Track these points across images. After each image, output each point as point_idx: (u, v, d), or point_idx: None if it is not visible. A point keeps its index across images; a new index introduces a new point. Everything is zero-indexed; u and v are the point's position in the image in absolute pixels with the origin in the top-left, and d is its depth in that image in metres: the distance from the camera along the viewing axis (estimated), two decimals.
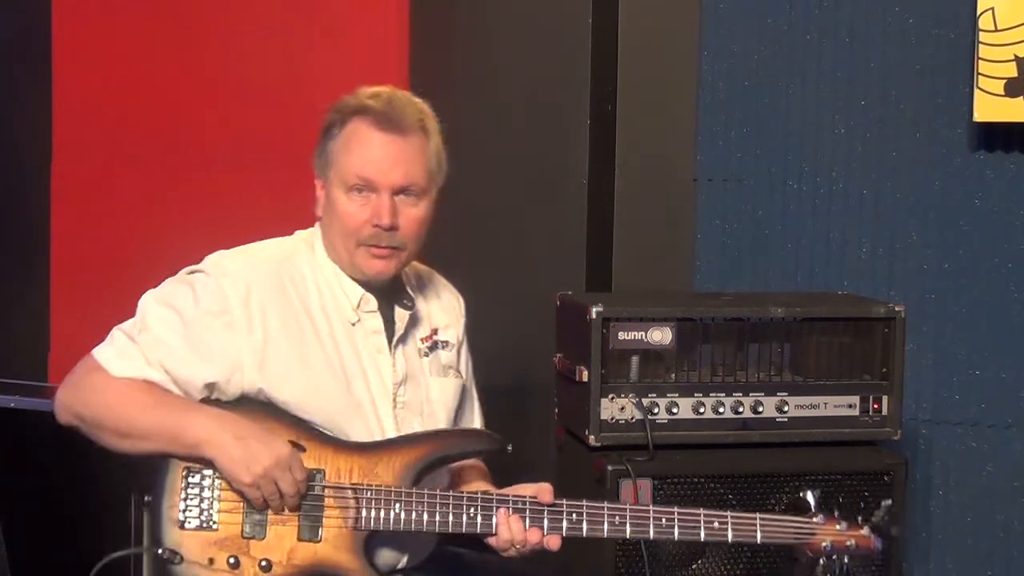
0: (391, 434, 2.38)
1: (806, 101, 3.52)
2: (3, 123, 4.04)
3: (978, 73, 3.24)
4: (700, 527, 2.33)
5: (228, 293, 2.30)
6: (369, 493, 2.28)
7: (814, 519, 2.37)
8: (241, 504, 2.28)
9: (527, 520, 2.29)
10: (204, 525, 2.27)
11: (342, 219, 2.35)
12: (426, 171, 2.38)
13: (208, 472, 2.28)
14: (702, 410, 2.86)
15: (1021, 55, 3.20)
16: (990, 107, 3.24)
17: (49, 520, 3.34)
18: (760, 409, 2.88)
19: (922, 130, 3.44)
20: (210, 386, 2.30)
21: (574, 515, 2.31)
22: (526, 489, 2.35)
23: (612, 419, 2.84)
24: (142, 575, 2.30)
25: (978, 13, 3.23)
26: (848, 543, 2.36)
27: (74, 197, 3.91)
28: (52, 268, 3.94)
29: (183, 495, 2.28)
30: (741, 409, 2.88)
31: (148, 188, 3.83)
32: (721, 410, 2.87)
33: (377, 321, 2.42)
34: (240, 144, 3.75)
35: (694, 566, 2.81)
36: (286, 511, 2.27)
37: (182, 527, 2.27)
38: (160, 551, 2.26)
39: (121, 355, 2.29)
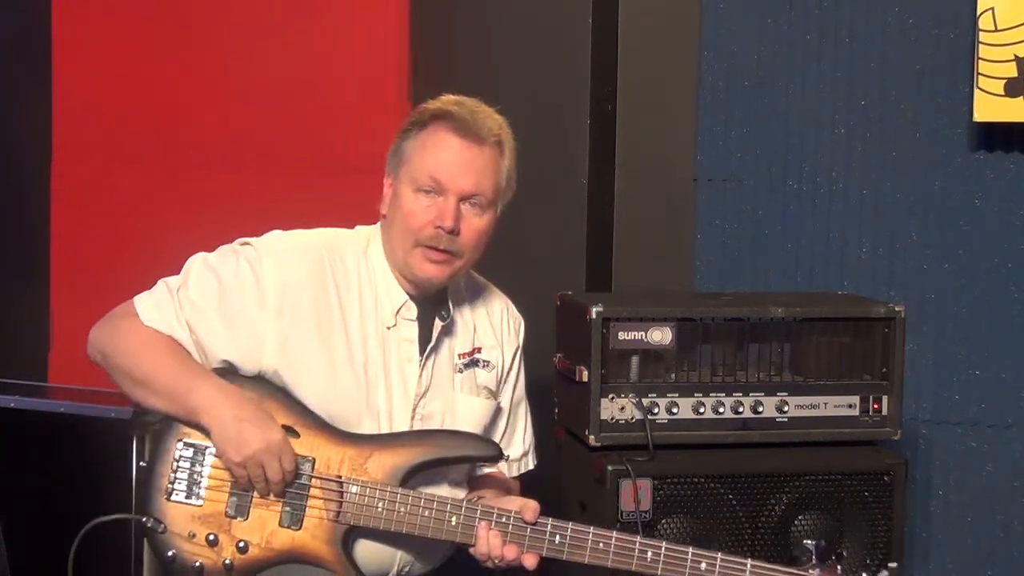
0: None
1: (806, 101, 3.52)
2: (3, 123, 4.04)
3: (978, 73, 3.24)
4: (686, 567, 2.31)
5: (267, 271, 2.34)
6: (354, 488, 2.29)
7: (810, 571, 2.32)
8: (228, 483, 2.30)
9: (508, 535, 2.30)
10: (189, 498, 2.30)
11: (406, 217, 2.37)
12: (495, 185, 2.41)
13: (202, 446, 2.30)
14: (702, 410, 2.86)
15: (1021, 55, 3.20)
16: (990, 107, 3.24)
17: (49, 520, 3.34)
18: (760, 409, 2.88)
19: (922, 130, 3.44)
20: (230, 358, 2.33)
21: (557, 537, 2.31)
22: (513, 503, 2.36)
23: (612, 419, 2.83)
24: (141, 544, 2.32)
25: (978, 13, 3.23)
26: None
27: (74, 197, 3.91)
28: (52, 268, 3.94)
29: (174, 466, 2.30)
30: (741, 409, 2.88)
31: (148, 188, 3.83)
32: (721, 410, 2.87)
33: (413, 330, 2.43)
34: (240, 144, 3.75)
35: None
36: (270, 496, 2.29)
37: (168, 497, 2.30)
38: (145, 519, 2.29)
39: (156, 306, 2.34)
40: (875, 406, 2.94)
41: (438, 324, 2.46)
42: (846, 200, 3.51)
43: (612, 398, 2.84)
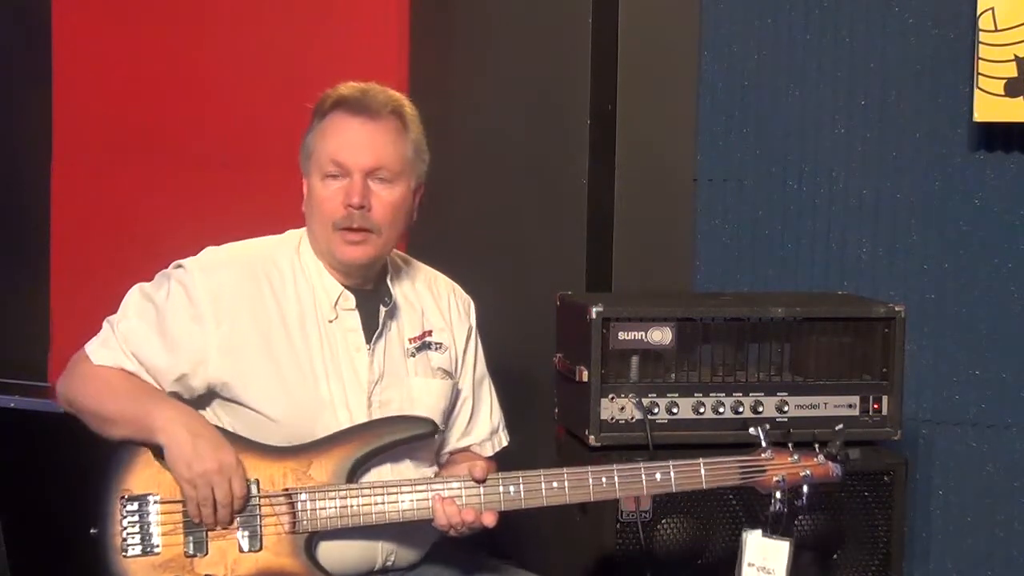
0: None
1: (806, 101, 3.52)
2: (3, 123, 4.04)
3: (978, 73, 3.24)
4: (642, 481, 2.34)
5: (199, 287, 2.37)
6: (303, 495, 2.30)
7: (763, 455, 2.35)
8: (180, 524, 2.30)
9: (463, 500, 2.31)
10: (146, 550, 2.30)
11: (319, 205, 2.39)
12: (400, 155, 2.40)
13: (144, 496, 2.31)
14: (702, 410, 2.86)
15: (1021, 55, 3.20)
16: (990, 107, 3.24)
17: (49, 520, 3.34)
18: (760, 409, 2.89)
19: (922, 130, 3.44)
20: (180, 378, 2.36)
21: (511, 488, 2.32)
22: (461, 469, 2.38)
23: (612, 419, 2.84)
24: None
25: (978, 13, 3.23)
26: (803, 474, 2.34)
27: (74, 197, 3.91)
28: (52, 268, 3.94)
29: (123, 523, 2.31)
30: (741, 409, 2.88)
31: (148, 188, 3.83)
32: (721, 410, 2.87)
33: (355, 319, 2.43)
34: (240, 144, 3.75)
35: (693, 567, 2.81)
36: (217, 524, 2.29)
37: (125, 555, 2.30)
38: None
39: (103, 344, 2.40)
40: (875, 406, 2.94)
41: (382, 310, 2.45)
42: (846, 200, 3.51)
43: (612, 398, 2.84)
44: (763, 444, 2.37)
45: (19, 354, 3.93)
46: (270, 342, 2.37)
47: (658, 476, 2.35)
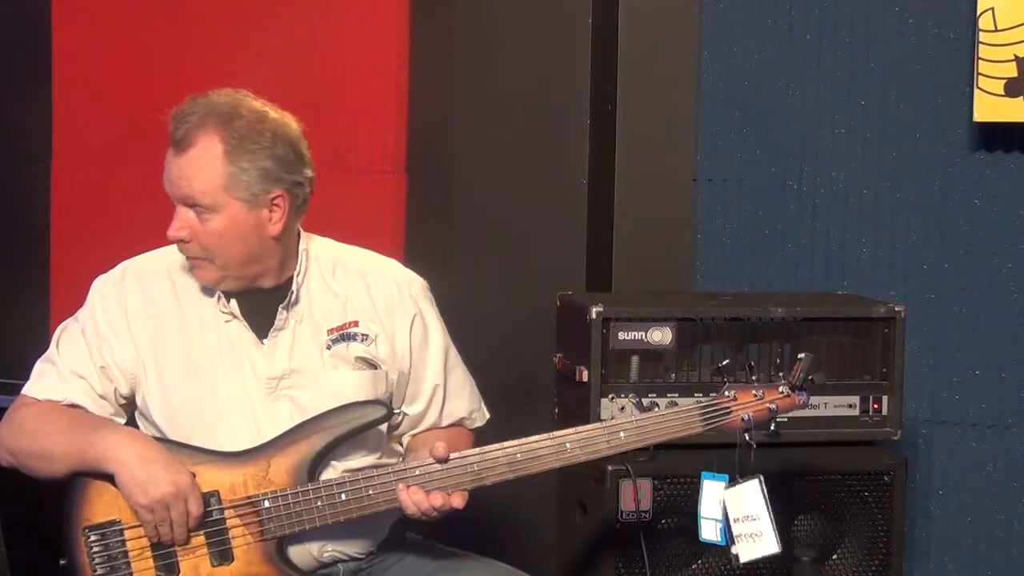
0: (268, 430, 2.38)
1: (806, 101, 3.52)
2: (3, 123, 4.03)
3: (978, 73, 3.24)
4: (605, 441, 2.33)
5: (107, 297, 2.46)
6: (267, 502, 2.30)
7: (725, 395, 2.33)
8: (147, 548, 2.30)
9: (428, 485, 2.29)
10: None
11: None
12: (208, 182, 2.36)
13: (107, 524, 2.31)
14: None
15: (1021, 55, 3.20)
16: (990, 107, 3.24)
17: (49, 520, 3.33)
18: None
19: (922, 130, 3.44)
20: (114, 383, 2.41)
21: (474, 466, 2.30)
22: (423, 452, 2.36)
23: (612, 419, 2.83)
24: None
25: (978, 13, 3.23)
26: (770, 407, 2.32)
27: (74, 197, 3.91)
28: (52, 268, 3.94)
29: (90, 554, 2.31)
30: None
31: (148, 188, 3.81)
32: None
33: (240, 320, 2.44)
34: None
35: (694, 566, 2.81)
36: (174, 542, 2.29)
37: None
38: None
39: (38, 378, 2.45)
40: (875, 406, 2.94)
41: (279, 308, 2.45)
42: (846, 200, 3.51)
43: (612, 398, 2.84)
44: (725, 383, 2.35)
45: (19, 354, 3.92)
46: (165, 346, 2.42)
47: (621, 435, 2.34)
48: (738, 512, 2.39)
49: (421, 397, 2.56)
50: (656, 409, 2.33)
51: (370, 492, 2.31)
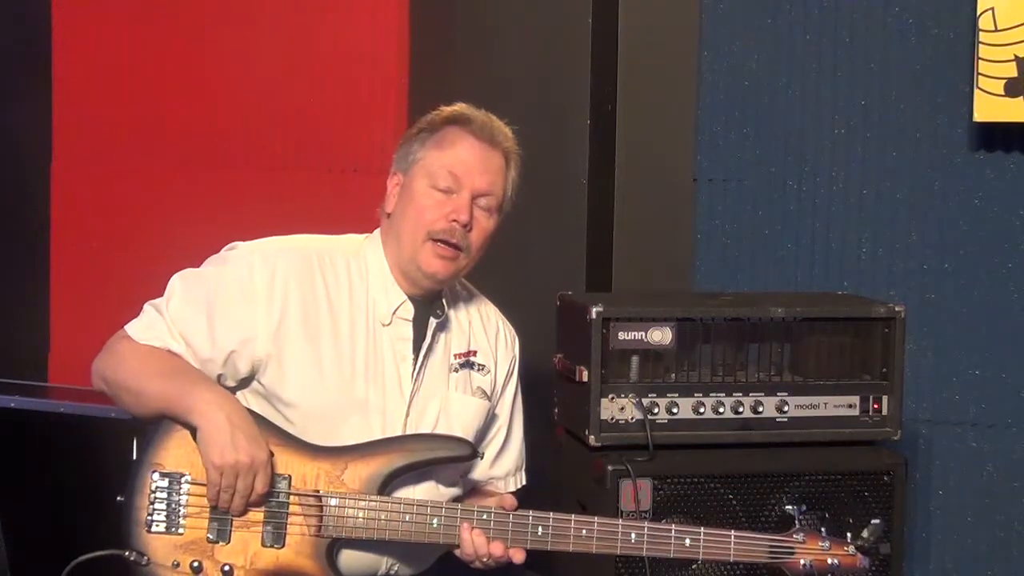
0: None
1: (806, 101, 3.52)
2: (3, 123, 4.04)
3: (978, 73, 3.24)
4: (671, 543, 2.33)
5: (255, 269, 2.37)
6: (333, 500, 2.30)
7: (794, 536, 2.34)
8: (207, 508, 2.30)
9: (491, 532, 2.31)
10: (170, 529, 2.30)
11: (420, 211, 2.40)
12: (503, 189, 2.47)
13: (176, 474, 2.31)
14: (702, 410, 2.86)
15: (1021, 55, 3.20)
16: (990, 107, 3.24)
17: (49, 520, 3.34)
18: (760, 409, 2.88)
19: (922, 130, 3.44)
20: (228, 358, 2.35)
21: (540, 528, 2.32)
22: (490, 501, 2.40)
23: (612, 419, 2.83)
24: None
25: (978, 13, 3.23)
26: (831, 562, 2.32)
27: (74, 197, 3.92)
28: (52, 268, 3.94)
29: (151, 498, 2.31)
30: (741, 409, 2.88)
31: (148, 188, 3.83)
32: (721, 410, 2.87)
33: (408, 329, 2.44)
34: (239, 144, 3.75)
35: (693, 567, 2.81)
36: (231, 515, 2.29)
37: (149, 529, 2.30)
38: (127, 553, 2.29)
39: (148, 326, 2.37)
40: (875, 406, 2.94)
41: (432, 322, 2.47)
42: (846, 200, 3.51)
43: (612, 398, 2.84)
44: (796, 525, 2.36)
45: (19, 354, 3.93)
46: (316, 335, 2.37)
47: (687, 541, 2.33)
48: None
49: (490, 443, 2.62)
50: (732, 531, 2.34)
51: (434, 523, 2.31)
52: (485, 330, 2.58)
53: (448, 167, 2.39)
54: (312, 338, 2.36)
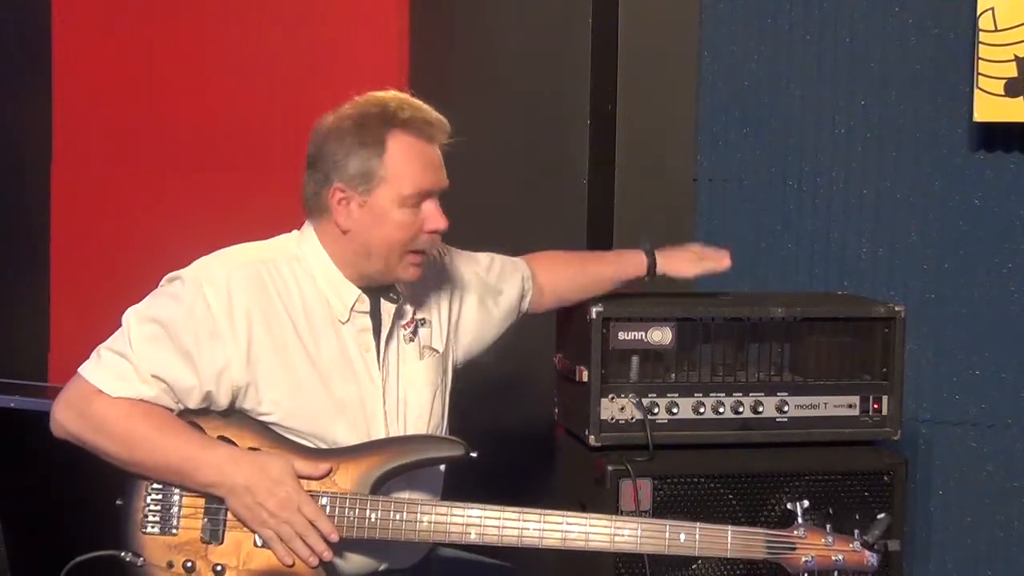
0: (378, 431, 2.39)
1: (806, 101, 3.52)
2: (3, 123, 4.04)
3: (978, 73, 3.24)
4: (665, 539, 2.30)
5: (210, 301, 2.30)
6: (324, 500, 2.29)
7: (795, 532, 2.27)
8: (201, 509, 2.31)
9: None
10: (164, 530, 2.31)
11: (397, 231, 2.35)
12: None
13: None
14: (702, 410, 2.86)
15: (1021, 55, 3.20)
16: (990, 107, 3.24)
17: (49, 520, 3.34)
18: (760, 409, 2.88)
19: (922, 130, 3.44)
20: (206, 396, 2.31)
21: (531, 525, 2.32)
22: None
23: (612, 419, 2.83)
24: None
25: (978, 13, 3.23)
26: (835, 558, 2.24)
27: (74, 197, 3.92)
28: (52, 268, 3.94)
29: (147, 499, 2.32)
30: (741, 409, 2.88)
31: (148, 188, 3.83)
32: (721, 410, 2.87)
33: (366, 320, 2.42)
34: (240, 145, 3.75)
35: (694, 566, 2.81)
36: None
37: (144, 530, 2.31)
38: (123, 553, 2.31)
39: (115, 375, 2.29)
40: (875, 406, 2.94)
41: (388, 308, 2.44)
42: (846, 200, 3.51)
43: (612, 398, 2.83)
44: (798, 520, 2.28)
45: (19, 354, 3.93)
46: (283, 348, 2.34)
47: (682, 537, 2.28)
48: None
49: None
50: (728, 527, 2.30)
51: (425, 520, 2.31)
52: (425, 279, 2.52)
53: (418, 187, 2.35)
54: (280, 352, 2.33)
